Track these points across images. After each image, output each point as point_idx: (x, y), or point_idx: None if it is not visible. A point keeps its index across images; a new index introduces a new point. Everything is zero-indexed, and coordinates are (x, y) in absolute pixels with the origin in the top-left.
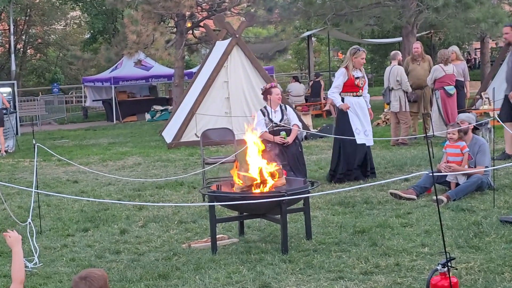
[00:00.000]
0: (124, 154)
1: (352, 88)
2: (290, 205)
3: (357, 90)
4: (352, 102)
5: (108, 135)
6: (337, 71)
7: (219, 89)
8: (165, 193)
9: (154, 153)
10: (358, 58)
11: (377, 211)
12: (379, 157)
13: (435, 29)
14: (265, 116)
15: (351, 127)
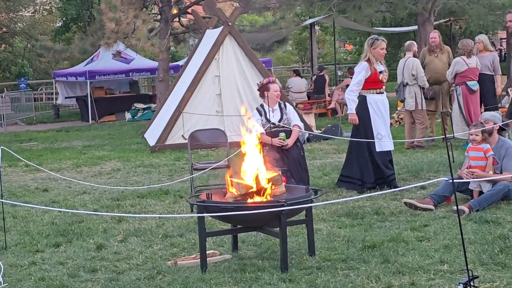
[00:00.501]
0: (101, 159)
1: (375, 84)
2: (290, 216)
3: (380, 86)
4: (376, 100)
5: (82, 137)
6: (357, 66)
7: (210, 84)
8: (148, 203)
9: (135, 157)
10: (378, 48)
11: (390, 223)
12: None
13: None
14: (262, 115)
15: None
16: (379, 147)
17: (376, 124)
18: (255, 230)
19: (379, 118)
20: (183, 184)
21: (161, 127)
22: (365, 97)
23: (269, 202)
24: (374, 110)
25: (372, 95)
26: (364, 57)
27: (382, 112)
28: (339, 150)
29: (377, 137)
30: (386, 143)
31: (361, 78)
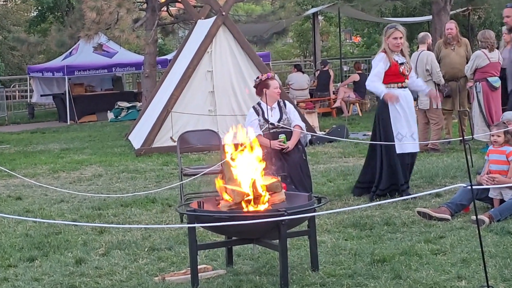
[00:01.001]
0: (81, 164)
1: (396, 77)
2: (291, 227)
3: (402, 79)
4: (398, 96)
5: (60, 139)
6: (375, 57)
7: (201, 81)
8: (133, 212)
9: (118, 162)
10: (390, 38)
11: (401, 235)
12: None
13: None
14: (259, 115)
15: (391, 130)
16: (399, 148)
17: (396, 123)
18: (251, 243)
19: (401, 116)
20: (172, 191)
21: (147, 128)
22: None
23: (267, 211)
24: (395, 107)
25: (394, 90)
26: (382, 48)
27: (405, 109)
28: (345, 154)
29: (397, 138)
30: (408, 145)
31: (379, 70)
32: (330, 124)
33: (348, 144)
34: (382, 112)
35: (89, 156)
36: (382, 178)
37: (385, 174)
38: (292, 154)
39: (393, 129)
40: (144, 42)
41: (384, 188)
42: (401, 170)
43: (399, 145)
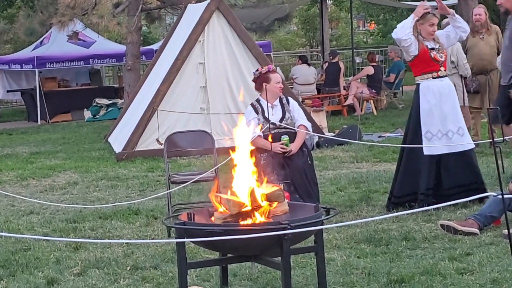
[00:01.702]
0: (53, 170)
1: (428, 65)
2: (295, 243)
3: (437, 67)
4: (432, 88)
5: (29, 141)
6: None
7: (192, 74)
8: (113, 225)
9: (96, 167)
10: (426, 24)
11: (422, 252)
12: None
13: None
14: (258, 113)
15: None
16: (428, 149)
17: (426, 120)
18: (250, 260)
19: (434, 111)
20: (158, 201)
21: (130, 129)
22: (418, 85)
23: (267, 224)
24: (428, 100)
25: (427, 81)
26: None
27: (441, 103)
28: (358, 158)
29: (426, 137)
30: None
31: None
32: (341, 124)
33: (361, 147)
34: (413, 106)
35: (62, 161)
36: (397, 182)
37: (402, 178)
38: (296, 159)
39: (422, 126)
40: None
41: (400, 196)
42: (425, 175)
43: (427, 145)
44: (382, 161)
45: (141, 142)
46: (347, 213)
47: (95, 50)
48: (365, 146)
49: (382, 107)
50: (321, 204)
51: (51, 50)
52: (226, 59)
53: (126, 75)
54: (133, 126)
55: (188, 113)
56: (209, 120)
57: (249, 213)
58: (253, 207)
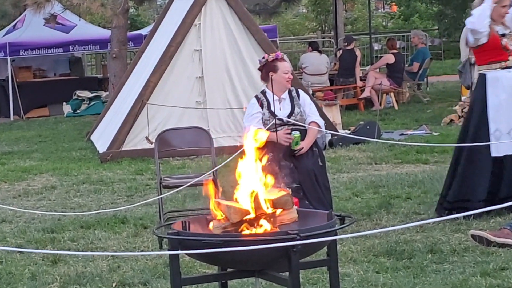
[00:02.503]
0: (28, 172)
1: (498, 54)
2: (305, 255)
3: (505, 57)
4: (501, 79)
5: (0, 140)
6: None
7: (187, 63)
8: (97, 236)
9: (77, 169)
10: (499, 5)
11: (451, 266)
12: None
13: None
14: (263, 107)
15: (487, 125)
16: (495, 150)
17: (495, 116)
18: (253, 276)
19: (504, 105)
20: (148, 208)
21: (116, 125)
22: (484, 76)
23: (273, 234)
24: (497, 93)
25: (495, 72)
26: None
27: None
28: (376, 159)
29: (494, 135)
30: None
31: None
32: (357, 121)
33: (380, 146)
34: (477, 103)
35: (38, 162)
36: (453, 185)
37: (461, 181)
38: (306, 160)
39: (490, 123)
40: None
41: (453, 201)
42: (487, 180)
43: (495, 145)
44: (404, 162)
45: (129, 140)
46: (364, 221)
47: (75, 35)
48: (384, 145)
49: (404, 100)
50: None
51: (25, 36)
52: (226, 45)
53: (111, 64)
54: (119, 123)
55: (182, 107)
56: (206, 115)
57: (252, 221)
58: (257, 215)
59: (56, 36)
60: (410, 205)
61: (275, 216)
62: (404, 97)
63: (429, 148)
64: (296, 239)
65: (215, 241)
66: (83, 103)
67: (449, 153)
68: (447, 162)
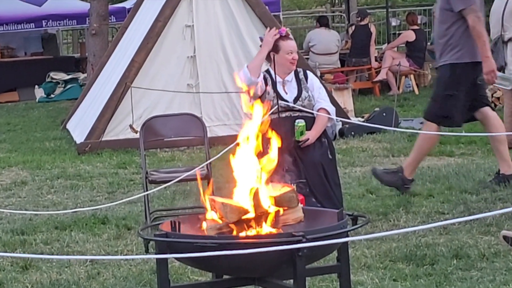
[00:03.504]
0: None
1: None
2: (312, 260)
3: None
4: None
5: None
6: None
7: (177, 41)
8: (73, 238)
9: (51, 162)
10: None
11: (479, 273)
12: (481, 170)
13: None
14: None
15: None
16: None
17: None
18: (253, 284)
19: None
20: (132, 207)
21: (95, 112)
22: None
23: (276, 236)
24: None
25: None
26: None
27: None
28: (394, 151)
29: None
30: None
31: None
32: (371, 107)
33: (398, 136)
34: None
35: (7, 153)
36: None
37: None
38: (313, 152)
39: None
40: None
41: None
42: None
43: None
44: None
45: (110, 129)
46: (380, 222)
47: (49, 9)
48: (403, 135)
49: (426, 84)
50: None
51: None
52: (221, 20)
53: (90, 42)
54: (99, 109)
55: (171, 91)
56: (198, 100)
57: (251, 221)
58: (257, 214)
59: (27, 9)
60: (433, 204)
61: (278, 216)
62: (425, 80)
63: (454, 139)
64: (301, 241)
65: (208, 244)
66: (57, 86)
67: (478, 144)
68: (475, 155)
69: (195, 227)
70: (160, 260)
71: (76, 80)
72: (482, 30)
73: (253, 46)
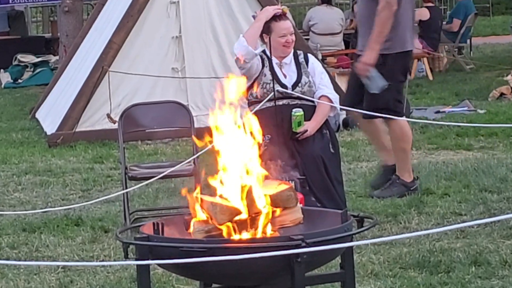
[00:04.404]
0: None
1: None
2: (312, 267)
3: None
4: None
5: None
6: None
7: (160, 19)
8: (43, 241)
9: (18, 156)
10: None
11: (500, 282)
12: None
13: None
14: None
15: None
16: None
17: None
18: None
19: None
20: (110, 206)
21: (68, 99)
22: None
23: (272, 240)
24: None
25: None
26: None
27: None
28: None
29: None
30: None
31: None
32: None
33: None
34: None
35: None
36: None
37: None
38: (312, 145)
39: None
40: None
41: None
42: None
43: None
44: (440, 148)
45: (85, 119)
46: (389, 224)
47: None
48: (415, 126)
49: (441, 68)
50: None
51: None
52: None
53: (62, 20)
54: (73, 96)
55: (154, 76)
56: (185, 86)
57: (244, 223)
58: (251, 215)
59: None
60: (448, 204)
61: (274, 217)
62: (441, 64)
63: (473, 130)
64: (300, 246)
65: (196, 249)
66: (26, 70)
67: (499, 136)
68: (496, 149)
69: (180, 230)
70: (141, 267)
71: (47, 63)
72: (386, 20)
73: (246, 25)
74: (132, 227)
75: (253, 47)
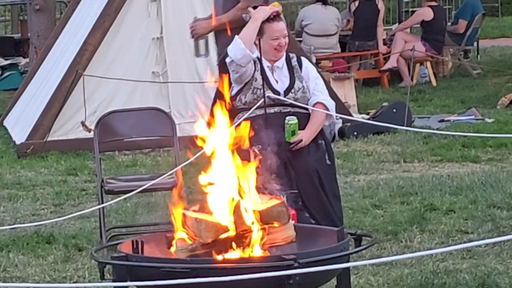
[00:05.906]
0: None
1: None
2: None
3: None
4: None
5: None
6: None
7: (140, 18)
8: (12, 260)
9: None
10: None
11: None
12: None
13: None
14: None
15: None
16: None
17: None
18: None
19: None
20: (84, 222)
21: (39, 106)
22: None
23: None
24: None
25: None
26: None
27: None
28: (406, 156)
29: None
30: None
31: None
32: (378, 101)
33: (411, 137)
34: None
35: None
36: None
37: None
38: (306, 156)
39: None
40: None
41: None
42: None
43: None
44: (445, 160)
45: (57, 127)
46: (389, 243)
47: None
48: (417, 135)
49: (446, 73)
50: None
51: None
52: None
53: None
54: (44, 102)
55: (133, 80)
56: (166, 92)
57: (231, 241)
58: (239, 232)
59: None
60: (454, 221)
61: (265, 235)
62: (445, 69)
63: (480, 141)
64: (293, 266)
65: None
66: None
67: (508, 147)
68: (506, 161)
69: (161, 248)
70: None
71: (16, 66)
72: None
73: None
74: (108, 245)
75: (250, 49)
